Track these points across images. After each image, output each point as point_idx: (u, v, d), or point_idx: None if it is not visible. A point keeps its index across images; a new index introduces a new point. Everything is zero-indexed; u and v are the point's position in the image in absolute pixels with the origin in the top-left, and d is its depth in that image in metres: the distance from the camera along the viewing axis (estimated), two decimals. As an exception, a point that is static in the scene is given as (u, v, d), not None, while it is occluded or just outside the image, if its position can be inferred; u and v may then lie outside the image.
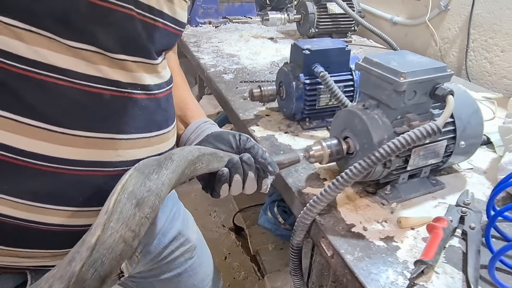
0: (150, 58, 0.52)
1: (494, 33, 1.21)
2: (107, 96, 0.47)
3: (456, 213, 0.60)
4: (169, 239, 0.75)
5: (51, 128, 0.44)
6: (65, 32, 0.42)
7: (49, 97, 0.43)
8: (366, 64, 0.62)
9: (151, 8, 0.50)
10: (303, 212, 0.60)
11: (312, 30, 1.57)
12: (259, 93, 0.88)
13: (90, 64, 0.45)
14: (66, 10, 0.42)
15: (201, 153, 0.52)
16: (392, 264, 0.53)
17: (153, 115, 0.53)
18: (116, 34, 0.46)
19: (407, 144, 0.54)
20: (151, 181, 0.42)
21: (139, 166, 0.44)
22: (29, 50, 0.41)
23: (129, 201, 0.40)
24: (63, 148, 0.45)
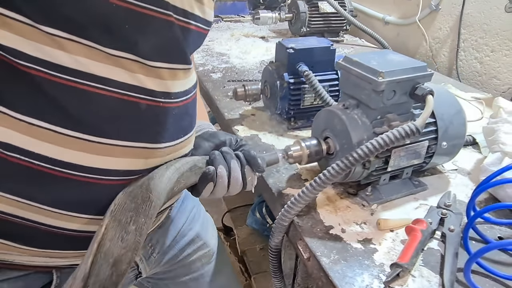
0: (186, 62, 0.52)
1: (484, 32, 1.20)
2: (143, 106, 0.46)
3: (436, 215, 0.59)
4: (186, 241, 0.75)
5: (89, 138, 0.44)
6: (105, 40, 0.42)
7: (89, 106, 0.43)
8: (346, 63, 0.61)
9: (186, 12, 0.48)
10: (281, 213, 0.59)
11: (303, 29, 1.56)
12: (243, 92, 0.87)
13: (129, 72, 0.44)
14: (106, 19, 0.41)
15: (180, 174, 0.50)
16: (368, 267, 0.52)
17: (180, 122, 0.53)
18: (155, 41, 0.46)
19: (385, 145, 0.53)
20: (129, 234, 0.41)
21: (115, 212, 0.42)
22: (70, 59, 0.41)
23: (105, 262, 0.39)
24: (100, 158, 0.45)
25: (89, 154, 0.44)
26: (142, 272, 0.69)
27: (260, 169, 0.55)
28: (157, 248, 0.70)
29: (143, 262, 0.68)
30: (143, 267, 0.69)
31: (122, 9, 0.41)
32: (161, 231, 0.71)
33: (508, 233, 0.59)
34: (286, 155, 0.61)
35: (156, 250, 0.70)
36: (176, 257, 0.74)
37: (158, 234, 0.70)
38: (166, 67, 0.48)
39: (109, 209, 0.42)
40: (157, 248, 0.70)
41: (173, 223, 0.74)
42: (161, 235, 0.71)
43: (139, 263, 0.67)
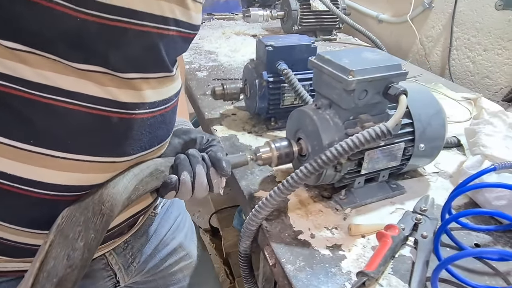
0: (166, 70, 0.50)
1: (477, 31, 1.17)
2: (115, 119, 0.44)
3: (410, 220, 0.56)
4: (168, 250, 0.72)
5: (53, 154, 0.42)
6: (72, 54, 0.40)
7: (56, 121, 0.41)
8: (318, 61, 0.59)
9: (165, 19, 0.46)
10: (248, 217, 0.57)
11: (295, 27, 1.53)
12: (221, 91, 0.85)
13: (99, 85, 0.42)
14: (73, 34, 0.39)
15: (139, 180, 0.47)
16: (335, 275, 0.50)
17: (156, 131, 0.51)
18: (129, 52, 0.43)
19: (354, 146, 0.51)
20: (76, 251, 0.38)
21: (62, 226, 0.39)
22: (34, 73, 0.39)
23: (48, 282, 0.36)
24: (64, 174, 0.43)
25: (52, 170, 0.42)
26: (120, 281, 0.67)
27: (224, 172, 0.53)
28: (138, 257, 0.68)
29: (122, 271, 0.66)
30: (121, 276, 0.66)
31: (90, 23, 0.39)
32: (143, 239, 0.69)
33: (486, 240, 0.56)
34: (255, 156, 0.59)
35: (137, 259, 0.68)
36: (157, 267, 0.71)
37: (139, 242, 0.68)
38: (142, 77, 0.46)
39: (56, 223, 0.40)
40: (137, 257, 0.68)
41: (156, 232, 0.71)
42: (143, 243, 0.69)
43: (117, 272, 0.65)
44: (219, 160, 0.53)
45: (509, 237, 0.56)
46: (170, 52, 0.50)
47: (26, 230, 0.45)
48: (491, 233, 0.57)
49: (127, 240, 0.65)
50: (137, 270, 0.69)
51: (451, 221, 0.51)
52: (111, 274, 0.65)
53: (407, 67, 1.29)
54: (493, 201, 0.57)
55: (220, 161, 0.53)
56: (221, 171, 0.53)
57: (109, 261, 0.63)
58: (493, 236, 0.57)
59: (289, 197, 0.63)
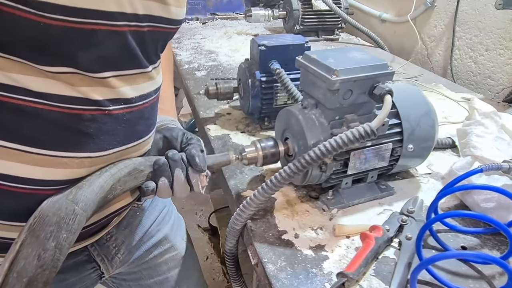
0: (141, 67, 0.49)
1: (479, 30, 1.15)
2: (87, 116, 0.44)
3: (396, 222, 0.56)
4: (153, 242, 0.73)
5: (26, 150, 0.42)
6: (38, 59, 0.40)
7: (27, 120, 0.41)
8: (304, 60, 0.58)
9: (138, 16, 0.45)
10: (233, 217, 0.57)
11: (296, 27, 1.53)
12: (215, 90, 0.85)
13: (69, 86, 0.42)
14: (36, 39, 0.38)
15: (116, 180, 0.47)
16: (315, 275, 0.49)
17: (134, 126, 0.51)
18: (99, 53, 0.43)
19: (337, 147, 0.50)
20: (47, 251, 0.38)
21: (34, 226, 0.39)
22: (1, 75, 0.39)
23: (18, 282, 0.37)
24: (38, 169, 0.43)
25: (27, 165, 0.43)
26: (105, 273, 0.68)
27: (198, 168, 0.52)
28: (122, 249, 0.69)
29: (105, 263, 0.67)
30: (105, 268, 0.67)
31: (54, 28, 0.38)
32: (127, 231, 0.69)
33: (474, 243, 0.55)
34: (241, 156, 0.59)
35: (121, 250, 0.69)
36: (142, 258, 0.72)
37: (123, 234, 0.69)
38: (116, 75, 0.46)
39: (28, 223, 0.40)
40: (122, 249, 0.69)
41: (141, 223, 0.72)
42: (127, 235, 0.69)
43: (100, 263, 0.66)
44: (193, 156, 0.53)
45: (498, 240, 0.55)
46: (146, 48, 0.49)
47: (3, 223, 0.45)
48: (480, 236, 0.56)
49: (109, 231, 0.66)
50: (122, 262, 0.69)
51: (434, 221, 0.50)
52: (94, 265, 0.65)
53: (408, 67, 1.28)
54: (482, 203, 0.56)
55: (193, 158, 0.53)
56: (195, 167, 0.53)
57: (91, 252, 0.64)
58: (481, 239, 0.56)
59: (276, 197, 0.63)
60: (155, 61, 0.53)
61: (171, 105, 0.73)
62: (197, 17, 1.82)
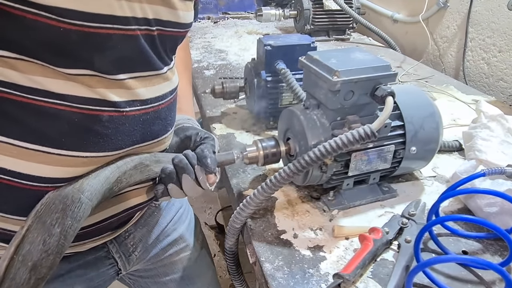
0: (155, 68, 0.51)
1: (492, 32, 1.13)
2: (105, 117, 0.46)
3: (396, 224, 0.56)
4: (169, 241, 0.74)
5: (49, 151, 0.44)
6: (58, 61, 0.42)
7: (48, 121, 0.43)
8: (306, 61, 0.58)
9: (148, 20, 0.47)
10: (233, 215, 0.57)
11: (307, 26, 1.52)
12: (220, 89, 0.86)
13: (88, 87, 0.44)
14: (56, 43, 0.40)
15: (122, 172, 0.49)
16: (312, 276, 0.49)
17: (151, 126, 0.52)
18: (114, 56, 0.45)
19: (337, 147, 0.50)
20: (52, 237, 0.40)
21: (40, 212, 0.40)
22: (24, 78, 0.41)
23: (23, 265, 0.38)
24: (58, 168, 0.45)
25: (49, 166, 0.44)
26: (122, 269, 0.69)
27: (208, 169, 0.53)
28: (139, 247, 0.70)
29: (122, 259, 0.68)
30: (123, 264, 0.69)
31: (73, 32, 0.40)
32: (144, 230, 0.71)
33: (475, 248, 0.54)
34: (242, 155, 0.59)
35: (138, 248, 0.70)
36: (158, 256, 0.73)
37: (141, 233, 0.70)
38: (131, 77, 0.48)
39: (35, 209, 0.41)
40: (139, 247, 0.70)
41: (158, 223, 0.73)
42: (144, 234, 0.71)
43: (118, 260, 0.67)
44: (204, 157, 0.54)
45: (500, 246, 0.54)
46: (157, 51, 0.51)
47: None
48: (482, 241, 0.55)
49: (128, 229, 0.68)
50: (139, 259, 0.71)
51: (433, 224, 0.49)
52: (112, 262, 0.67)
53: (419, 68, 1.26)
54: (485, 207, 0.55)
55: (205, 159, 0.54)
56: (205, 168, 0.54)
57: (110, 249, 0.66)
58: (483, 244, 0.55)
59: (277, 197, 0.64)
60: (168, 62, 0.54)
61: (188, 103, 0.74)
62: (209, 16, 1.83)
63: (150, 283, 0.77)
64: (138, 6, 0.45)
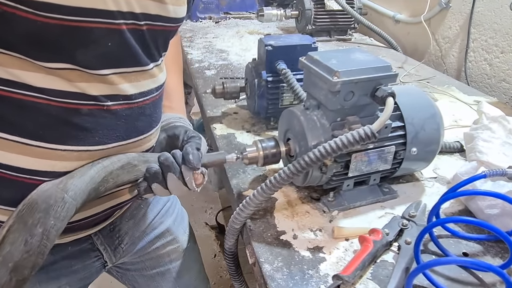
0: (141, 64, 0.50)
1: (494, 32, 1.13)
2: (85, 110, 0.46)
3: (396, 226, 0.55)
4: (156, 234, 0.74)
5: (27, 142, 0.44)
6: (38, 55, 0.41)
7: (26, 114, 0.43)
8: (307, 61, 0.58)
9: (135, 15, 0.46)
10: (233, 216, 0.57)
11: (309, 27, 1.52)
12: (221, 89, 0.85)
13: (67, 81, 0.44)
14: (36, 36, 0.40)
15: (108, 172, 0.48)
16: (311, 277, 0.49)
17: (134, 122, 0.52)
18: (98, 51, 0.44)
19: (337, 148, 0.50)
20: (34, 237, 0.39)
21: (22, 212, 0.40)
22: (2, 71, 0.41)
23: (4, 266, 0.37)
24: (39, 160, 0.45)
25: (27, 157, 0.44)
26: (108, 261, 0.69)
27: (191, 165, 0.52)
28: (125, 239, 0.70)
29: (108, 252, 0.68)
30: (108, 257, 0.69)
31: (52, 26, 0.39)
32: (130, 222, 0.71)
33: (476, 250, 0.54)
34: (241, 155, 0.59)
35: (124, 241, 0.70)
36: (144, 249, 0.74)
37: (127, 225, 0.70)
38: (115, 72, 0.47)
39: (16, 209, 0.41)
40: (125, 239, 0.70)
41: (144, 215, 0.73)
42: (131, 226, 0.71)
43: (103, 252, 0.67)
44: (187, 154, 0.53)
45: (501, 248, 0.54)
46: (146, 46, 0.50)
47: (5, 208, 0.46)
48: (483, 243, 0.55)
49: (113, 222, 0.67)
50: (125, 252, 0.71)
51: (433, 226, 0.49)
52: (98, 254, 0.67)
53: (421, 68, 1.26)
54: (486, 209, 0.55)
55: (187, 155, 0.52)
56: (188, 164, 0.52)
57: (94, 241, 0.65)
58: (484, 246, 0.55)
59: (277, 197, 0.64)
60: (156, 58, 0.53)
61: (178, 102, 0.73)
62: (210, 16, 1.83)
63: (137, 276, 0.77)
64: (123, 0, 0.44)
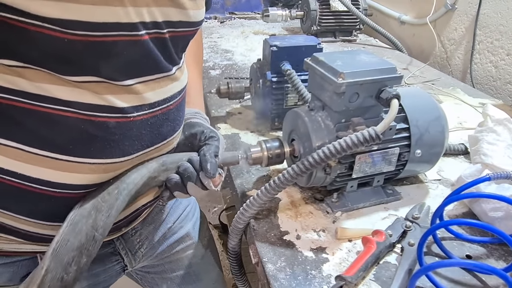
0: (164, 71, 0.50)
1: (500, 34, 1.12)
2: (112, 123, 0.46)
3: (399, 227, 0.55)
4: (176, 238, 0.75)
5: (56, 157, 0.44)
6: (64, 70, 0.42)
7: (55, 128, 0.43)
8: (312, 62, 0.58)
9: (158, 24, 0.46)
10: (236, 216, 0.58)
11: (314, 27, 1.52)
12: (226, 89, 0.86)
13: (95, 94, 0.44)
14: (61, 53, 0.40)
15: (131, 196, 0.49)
16: (314, 277, 0.49)
17: (159, 129, 0.52)
18: (120, 62, 0.44)
19: (341, 150, 0.50)
20: (69, 274, 0.41)
21: (57, 251, 0.42)
22: (31, 85, 0.41)
23: None
24: (67, 174, 0.45)
25: (57, 171, 0.45)
26: (128, 266, 0.70)
27: (208, 174, 0.53)
28: (145, 244, 0.71)
29: (128, 256, 0.69)
30: (128, 261, 0.69)
31: (77, 43, 0.40)
32: (151, 227, 0.71)
33: (480, 252, 0.54)
34: (246, 156, 0.59)
35: (144, 245, 0.71)
36: (164, 253, 0.74)
37: (147, 230, 0.71)
38: (139, 82, 0.47)
39: (51, 247, 0.42)
40: (145, 244, 0.71)
41: (165, 220, 0.74)
42: (151, 231, 0.71)
43: (124, 256, 0.68)
44: (205, 161, 0.54)
45: (505, 251, 0.54)
46: (168, 52, 0.50)
47: (39, 222, 0.48)
48: (487, 246, 0.55)
49: (135, 227, 0.68)
50: (145, 256, 0.71)
51: (437, 228, 0.49)
52: (118, 258, 0.67)
53: (426, 70, 1.26)
54: (490, 212, 0.55)
55: (205, 163, 0.53)
56: (206, 174, 0.53)
57: (116, 246, 0.66)
58: (488, 249, 0.54)
59: (281, 197, 0.64)
60: (178, 62, 0.53)
61: (197, 96, 0.73)
62: (216, 16, 1.84)
63: (157, 278, 0.78)
64: (146, 10, 0.44)
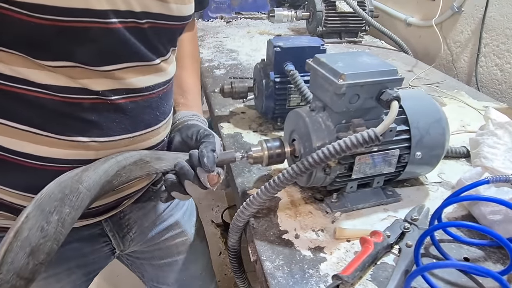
0: (145, 60, 0.51)
1: (507, 38, 1.12)
2: (87, 105, 0.47)
3: (398, 228, 0.56)
4: (165, 226, 0.76)
5: (36, 132, 0.46)
6: (37, 54, 0.42)
7: (31, 108, 0.45)
8: (313, 63, 0.59)
9: (135, 13, 0.47)
10: (236, 214, 0.58)
11: (319, 28, 1.53)
12: (229, 89, 0.86)
13: (69, 78, 0.45)
14: (32, 37, 0.41)
15: (121, 167, 0.49)
16: (311, 276, 0.50)
17: (140, 115, 0.53)
18: (95, 49, 0.45)
19: (341, 150, 0.51)
20: (50, 224, 0.41)
21: (40, 201, 0.42)
22: (6, 68, 0.42)
23: (22, 250, 0.38)
24: (47, 148, 0.47)
25: (37, 145, 0.46)
26: (116, 248, 0.71)
27: (206, 168, 0.53)
28: (134, 228, 0.72)
29: (116, 238, 0.70)
30: (116, 243, 0.70)
31: (47, 27, 0.40)
32: (141, 212, 0.73)
33: (477, 255, 0.54)
34: (247, 155, 0.60)
35: (133, 229, 0.72)
36: (154, 239, 0.76)
37: (137, 215, 0.72)
38: (117, 68, 0.48)
39: (35, 198, 0.42)
40: (134, 228, 0.72)
41: (155, 207, 0.75)
42: (140, 216, 0.73)
43: (111, 238, 0.69)
44: (202, 156, 0.54)
45: (503, 254, 0.54)
46: (149, 42, 0.51)
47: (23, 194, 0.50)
48: (485, 248, 0.55)
49: (123, 210, 0.69)
50: (134, 240, 0.73)
51: (434, 229, 0.49)
52: (107, 240, 0.69)
53: (431, 72, 1.25)
54: (488, 215, 0.55)
55: (202, 158, 0.54)
56: (203, 167, 0.54)
57: (104, 227, 0.67)
58: (486, 252, 0.55)
59: (281, 197, 0.64)
60: (164, 53, 0.54)
61: (194, 99, 0.74)
62: (222, 16, 1.85)
63: (146, 265, 0.79)
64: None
